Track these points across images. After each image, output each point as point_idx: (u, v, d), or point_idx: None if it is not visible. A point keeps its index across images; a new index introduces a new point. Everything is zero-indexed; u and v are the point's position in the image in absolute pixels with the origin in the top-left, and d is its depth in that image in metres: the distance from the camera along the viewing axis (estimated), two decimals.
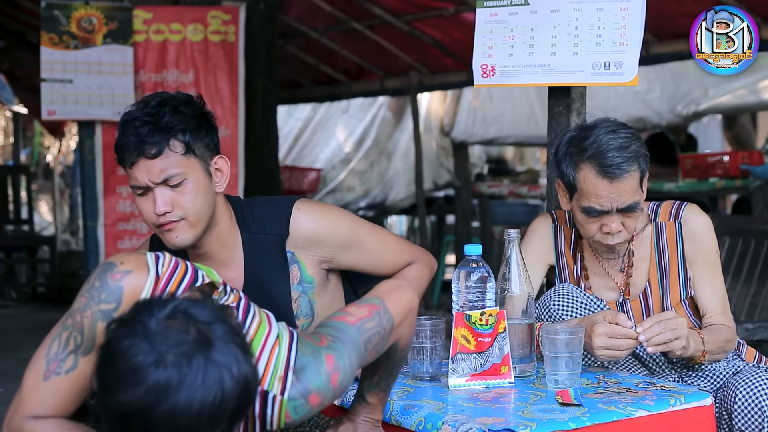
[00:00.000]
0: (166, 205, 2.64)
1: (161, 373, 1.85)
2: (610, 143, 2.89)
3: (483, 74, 3.49)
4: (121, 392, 1.86)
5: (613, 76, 3.27)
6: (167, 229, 2.69)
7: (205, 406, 1.87)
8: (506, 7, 3.44)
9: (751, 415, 2.75)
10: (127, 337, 1.89)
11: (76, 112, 6.31)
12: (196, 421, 1.87)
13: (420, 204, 7.78)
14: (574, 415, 2.40)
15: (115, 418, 1.90)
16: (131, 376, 1.86)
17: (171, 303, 1.94)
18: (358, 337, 2.30)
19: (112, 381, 1.88)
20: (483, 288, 2.70)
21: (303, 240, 2.85)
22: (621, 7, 3.25)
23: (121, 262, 2.21)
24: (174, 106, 2.64)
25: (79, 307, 2.21)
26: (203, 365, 1.87)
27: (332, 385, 2.23)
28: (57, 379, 2.20)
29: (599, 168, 2.90)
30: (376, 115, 9.30)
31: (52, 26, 6.24)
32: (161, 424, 1.87)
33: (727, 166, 6.53)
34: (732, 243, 4.43)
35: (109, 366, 1.89)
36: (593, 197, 2.92)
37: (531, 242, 3.21)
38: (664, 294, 3.07)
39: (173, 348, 1.87)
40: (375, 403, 2.55)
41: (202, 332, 1.90)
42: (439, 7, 6.26)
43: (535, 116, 8.13)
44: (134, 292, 2.19)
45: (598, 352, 2.76)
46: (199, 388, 1.86)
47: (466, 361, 2.69)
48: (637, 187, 2.94)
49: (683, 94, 7.64)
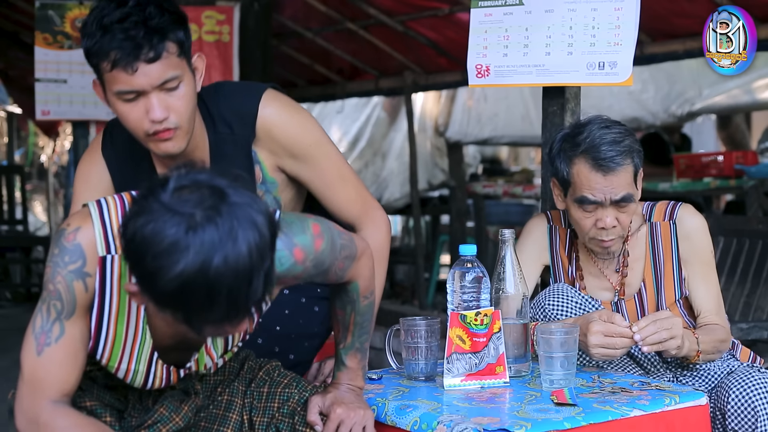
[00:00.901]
0: (163, 110, 2.54)
1: (199, 232, 1.92)
2: (603, 137, 2.91)
3: (477, 74, 3.49)
4: (171, 268, 1.92)
5: (607, 76, 3.27)
6: (163, 138, 2.58)
7: (251, 244, 1.95)
8: (501, 7, 3.45)
9: (744, 415, 2.75)
10: (149, 223, 1.94)
11: (71, 112, 6.31)
12: (251, 261, 1.95)
13: (415, 204, 7.78)
14: (569, 415, 2.40)
15: (176, 297, 1.96)
16: (173, 249, 1.92)
17: (170, 179, 1.99)
18: (336, 234, 2.41)
19: (156, 264, 1.94)
20: (478, 288, 2.70)
21: (265, 140, 2.77)
22: (615, 7, 3.25)
23: (68, 224, 2.24)
24: (157, 4, 2.50)
25: (49, 277, 2.22)
26: (230, 210, 1.95)
27: (315, 248, 2.32)
28: (49, 350, 2.21)
29: (593, 162, 2.92)
30: (370, 115, 9.30)
31: (46, 26, 6.23)
32: (223, 279, 1.93)
33: (722, 166, 6.54)
34: (726, 243, 4.43)
35: (146, 255, 1.94)
36: (587, 189, 2.93)
37: (526, 242, 3.21)
38: (659, 294, 3.07)
39: (197, 208, 1.94)
40: (354, 367, 2.60)
41: (212, 186, 1.97)
42: (434, 7, 6.26)
43: (530, 116, 8.13)
44: (91, 243, 2.22)
45: (594, 351, 2.76)
46: (238, 230, 1.94)
47: (461, 361, 2.69)
48: (630, 182, 2.95)
49: (677, 94, 7.64)
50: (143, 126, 2.56)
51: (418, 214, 7.90)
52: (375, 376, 2.87)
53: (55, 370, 2.22)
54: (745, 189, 6.19)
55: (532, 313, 3.00)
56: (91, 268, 2.23)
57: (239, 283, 1.95)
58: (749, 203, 6.09)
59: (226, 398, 2.61)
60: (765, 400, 2.75)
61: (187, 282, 1.93)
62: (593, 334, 2.75)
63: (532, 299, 3.05)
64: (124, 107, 2.57)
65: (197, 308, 1.98)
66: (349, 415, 2.50)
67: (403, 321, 2.84)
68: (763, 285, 4.26)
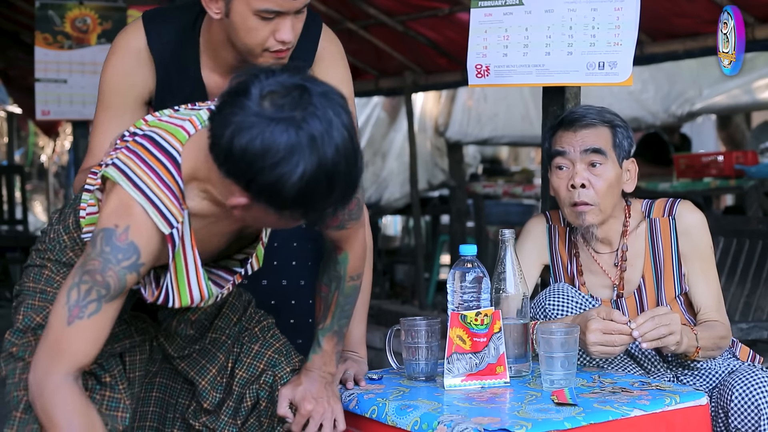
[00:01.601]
0: (293, 34, 2.67)
1: (306, 129, 2.06)
2: (583, 107, 3.01)
3: (477, 74, 3.49)
4: (293, 172, 2.07)
5: (607, 76, 3.27)
6: (280, 56, 2.71)
7: (347, 125, 2.12)
8: (501, 7, 3.45)
9: (748, 414, 2.75)
10: (257, 136, 2.06)
11: (71, 112, 6.31)
12: (352, 141, 2.12)
13: (415, 204, 7.77)
14: (570, 415, 2.40)
15: (299, 197, 2.10)
16: (290, 154, 2.07)
17: (251, 87, 2.10)
18: None
19: (276, 173, 2.07)
20: (478, 288, 2.70)
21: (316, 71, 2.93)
22: (615, 7, 3.25)
23: (116, 225, 2.24)
24: None
25: (96, 268, 2.23)
26: (320, 102, 2.10)
27: None
28: (80, 323, 2.24)
29: (567, 123, 3.03)
30: (370, 115, 9.28)
31: (47, 26, 6.24)
32: (338, 166, 2.10)
33: (722, 166, 6.53)
34: (726, 243, 4.43)
35: (264, 167, 2.07)
36: (558, 144, 3.03)
37: (525, 242, 3.22)
38: (659, 290, 3.08)
39: (295, 109, 2.07)
40: (329, 351, 2.65)
41: (295, 85, 2.11)
42: (434, 7, 6.25)
43: (530, 116, 8.12)
44: (148, 236, 2.25)
45: (592, 348, 2.77)
46: (333, 117, 2.09)
47: (462, 361, 2.69)
48: (606, 143, 3.01)
49: (677, 94, 7.64)
50: (267, 43, 2.67)
51: (418, 214, 7.89)
52: (375, 376, 2.87)
53: (79, 344, 2.26)
54: (745, 189, 6.18)
55: (532, 312, 3.00)
56: (146, 257, 2.26)
57: (349, 165, 2.13)
58: (749, 203, 6.09)
59: (222, 338, 2.69)
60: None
61: (310, 180, 2.06)
62: (591, 332, 2.75)
63: (533, 299, 3.05)
64: (256, 23, 2.65)
65: (319, 200, 2.13)
66: (318, 410, 2.59)
67: (403, 321, 2.84)
68: (763, 285, 4.26)
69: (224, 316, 2.72)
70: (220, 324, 2.71)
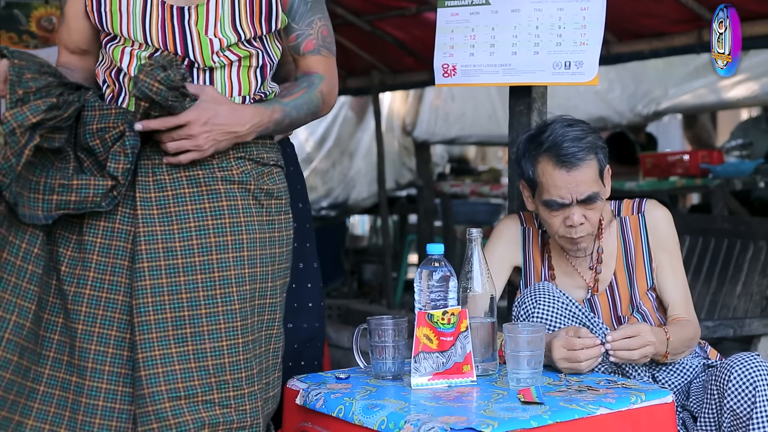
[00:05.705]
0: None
1: None
2: (566, 135, 2.97)
3: (444, 74, 3.49)
4: None
5: (573, 76, 3.28)
6: None
7: None
8: (467, 6, 3.45)
9: (744, 395, 2.74)
10: None
11: None
12: None
13: (382, 203, 7.78)
14: (536, 414, 2.41)
15: None
16: None
17: None
18: None
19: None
20: (445, 287, 2.70)
21: None
22: (581, 6, 3.26)
23: None
24: None
25: None
26: None
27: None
28: (62, 23, 2.94)
29: (556, 159, 2.96)
30: (337, 115, 9.27)
31: (12, 25, 6.18)
32: None
33: (688, 165, 6.57)
34: (692, 241, 4.46)
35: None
36: (553, 189, 2.97)
37: (497, 243, 3.23)
38: (631, 286, 3.11)
39: None
40: (267, 110, 2.68)
41: None
42: (401, 6, 6.26)
43: (497, 115, 8.14)
44: None
45: (560, 365, 2.81)
46: None
47: (429, 360, 2.69)
48: (596, 179, 2.98)
49: (643, 93, 7.67)
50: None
51: (386, 214, 7.90)
52: (342, 375, 2.87)
53: (64, 35, 3.04)
54: (710, 188, 6.22)
55: (515, 312, 3.01)
56: None
57: None
58: (715, 202, 6.12)
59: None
60: (765, 382, 2.75)
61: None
62: (555, 348, 2.81)
63: (502, 300, 3.07)
64: None
65: None
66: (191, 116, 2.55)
67: (370, 320, 2.84)
68: (729, 283, 4.29)
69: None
70: None
